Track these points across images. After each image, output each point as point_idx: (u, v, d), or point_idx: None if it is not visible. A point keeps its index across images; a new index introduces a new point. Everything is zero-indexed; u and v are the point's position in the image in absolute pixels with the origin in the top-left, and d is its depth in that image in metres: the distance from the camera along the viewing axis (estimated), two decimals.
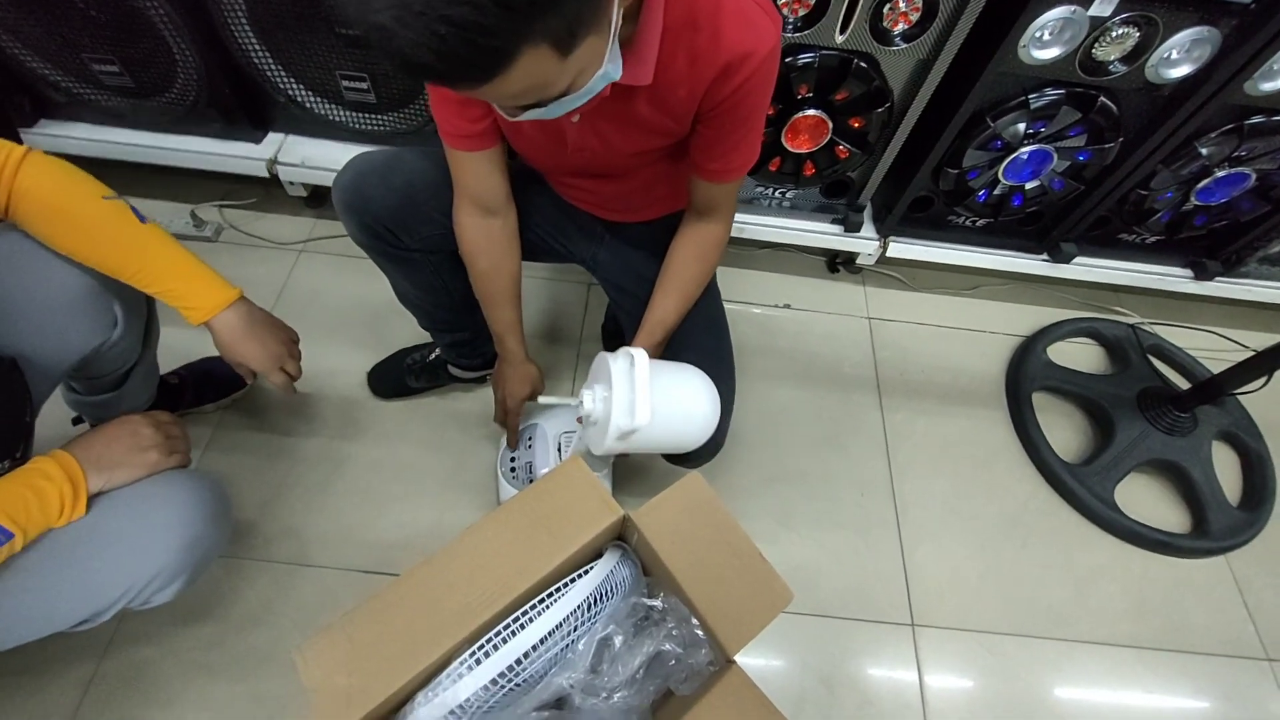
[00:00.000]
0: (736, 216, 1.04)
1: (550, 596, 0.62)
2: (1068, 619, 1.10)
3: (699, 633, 0.63)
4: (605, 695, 0.61)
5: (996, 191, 1.17)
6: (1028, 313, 1.48)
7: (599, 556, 0.68)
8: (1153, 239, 1.30)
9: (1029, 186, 1.15)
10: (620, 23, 0.52)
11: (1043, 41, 0.93)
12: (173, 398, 1.07)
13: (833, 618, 1.05)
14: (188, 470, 0.74)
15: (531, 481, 0.99)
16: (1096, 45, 0.93)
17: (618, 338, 1.23)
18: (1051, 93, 1.00)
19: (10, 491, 0.61)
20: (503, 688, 0.58)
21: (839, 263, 1.49)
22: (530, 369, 0.93)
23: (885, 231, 1.30)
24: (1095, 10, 0.88)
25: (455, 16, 0.39)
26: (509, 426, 0.99)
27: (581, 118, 0.66)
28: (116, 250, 0.70)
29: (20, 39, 1.07)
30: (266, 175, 1.24)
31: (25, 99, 1.18)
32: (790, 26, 0.94)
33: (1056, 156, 1.08)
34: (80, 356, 0.75)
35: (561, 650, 0.61)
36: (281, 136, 1.26)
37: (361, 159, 0.81)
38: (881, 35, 0.95)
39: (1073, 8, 0.88)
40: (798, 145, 1.10)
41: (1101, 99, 0.99)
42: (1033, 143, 1.06)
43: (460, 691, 0.57)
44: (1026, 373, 1.34)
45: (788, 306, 1.44)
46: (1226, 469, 1.28)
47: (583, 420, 0.78)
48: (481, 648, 0.58)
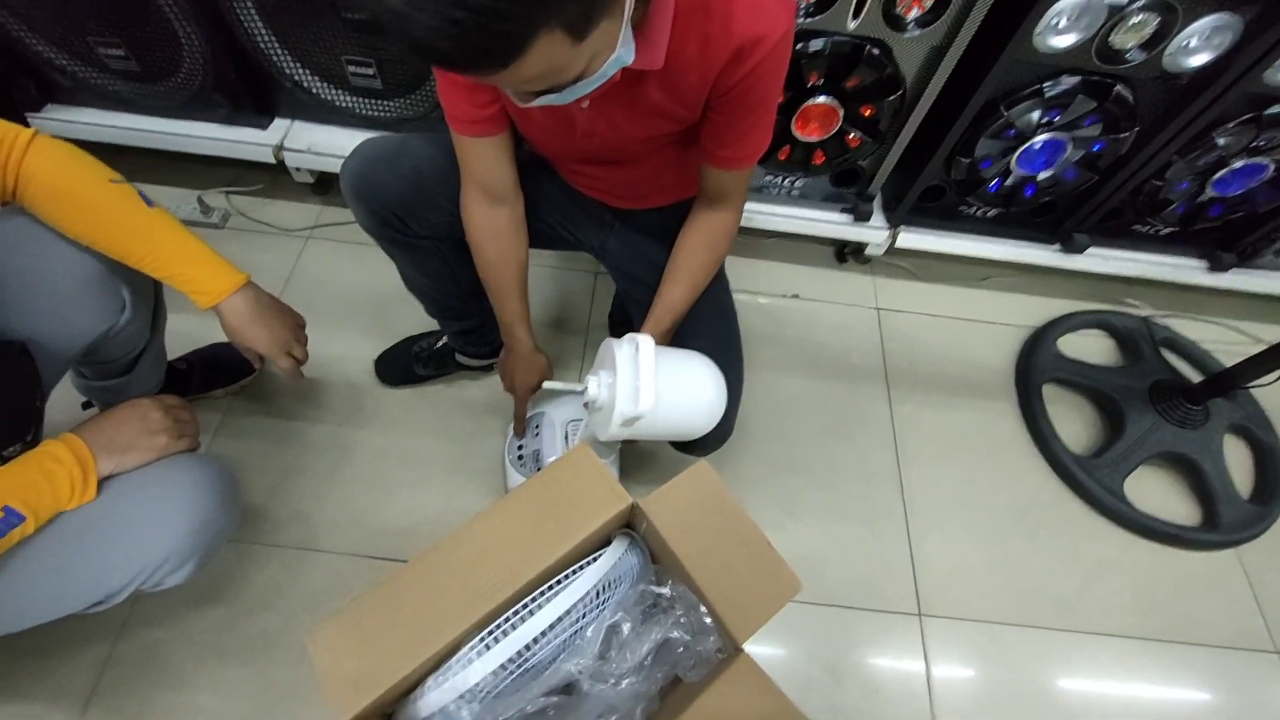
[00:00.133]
0: (745, 205, 1.03)
1: (559, 583, 0.62)
2: (1075, 610, 1.10)
3: (707, 620, 0.63)
4: (613, 681, 0.62)
5: (1009, 181, 1.15)
6: (1038, 304, 1.47)
7: (607, 544, 0.68)
8: (1167, 230, 1.29)
9: (1042, 176, 1.14)
10: (633, 6, 0.51)
11: (1059, 28, 0.91)
12: (181, 383, 1.07)
13: (839, 607, 1.05)
14: (197, 454, 0.75)
15: (539, 469, 0.99)
16: (1114, 32, 0.91)
17: (625, 326, 1.21)
18: (1067, 81, 0.98)
19: (21, 475, 0.61)
20: (511, 673, 0.59)
21: (847, 252, 1.48)
22: (539, 358, 0.92)
23: (895, 221, 1.28)
24: None
25: (470, 1, 0.38)
26: (516, 415, 0.99)
27: (591, 103, 0.65)
28: (124, 234, 0.70)
29: (26, 22, 1.07)
30: (273, 161, 1.24)
31: (31, 83, 1.17)
32: (802, 12, 0.93)
33: (1070, 146, 1.07)
34: (89, 341, 0.75)
35: (570, 637, 0.62)
36: (288, 122, 1.26)
37: (369, 145, 0.80)
38: (895, 21, 0.94)
39: None
40: (808, 133, 1.08)
41: (1118, 87, 0.98)
42: (1046, 132, 1.05)
43: (470, 676, 0.57)
44: (1036, 364, 1.33)
45: (796, 296, 1.43)
46: (1238, 462, 1.27)
47: (588, 406, 0.78)
48: (491, 633, 0.59)
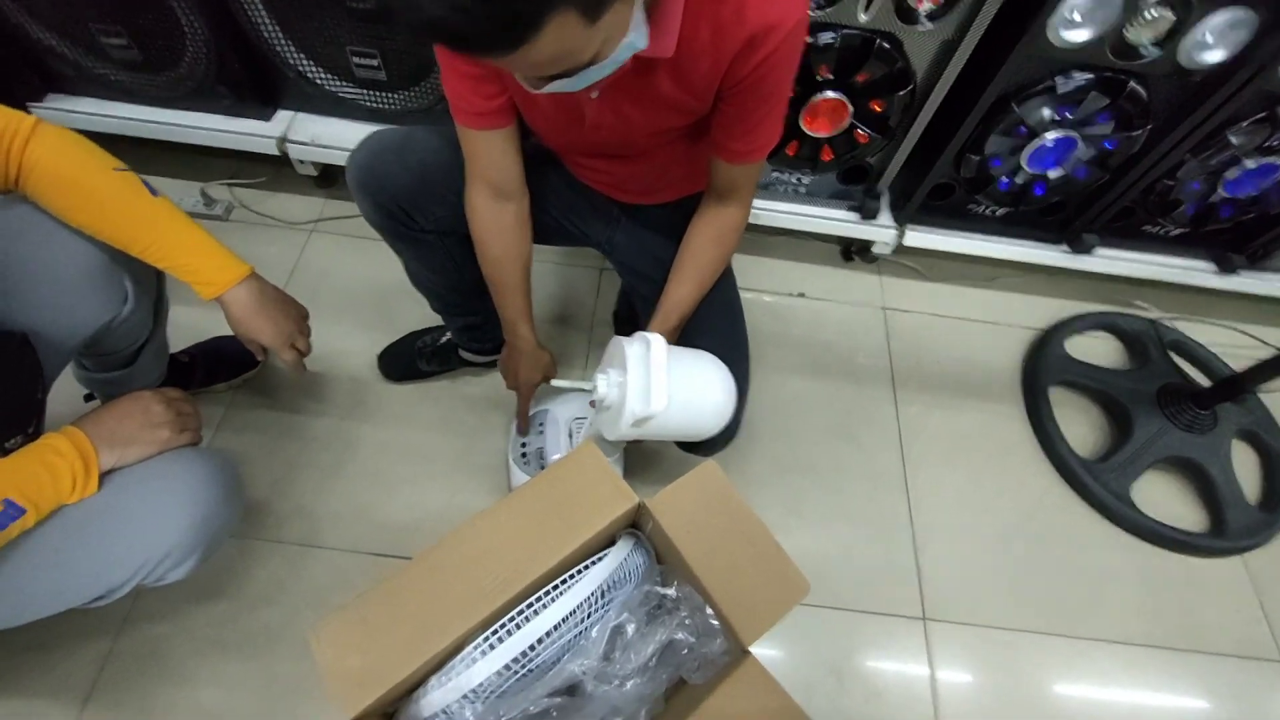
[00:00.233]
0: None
1: (564, 583, 0.62)
2: (1080, 616, 1.09)
3: (714, 622, 0.62)
4: (618, 683, 0.61)
5: (1019, 180, 1.14)
6: (1046, 305, 1.46)
7: (612, 544, 0.67)
8: (1177, 231, 1.28)
9: (1052, 175, 1.13)
10: None
11: (1073, 22, 0.90)
12: (184, 376, 1.06)
13: (843, 610, 1.05)
14: (199, 448, 0.74)
15: (543, 467, 0.98)
16: (1129, 27, 0.90)
17: (630, 323, 1.21)
18: (1079, 77, 0.97)
19: (23, 467, 0.60)
20: (516, 673, 0.58)
21: (854, 251, 1.47)
22: (542, 355, 0.92)
23: (903, 220, 1.27)
24: None
25: None
26: (519, 412, 0.98)
27: (601, 94, 0.64)
28: (128, 223, 0.69)
29: (28, 9, 1.06)
30: (276, 153, 1.23)
31: (33, 72, 1.16)
32: (813, 4, 0.92)
33: (1082, 144, 1.05)
34: (91, 332, 0.74)
35: (574, 637, 0.61)
36: (291, 114, 1.25)
37: (375, 138, 0.79)
38: (906, 14, 0.93)
39: None
40: (816, 129, 1.07)
41: (1131, 84, 0.96)
42: (1058, 129, 1.03)
43: (474, 676, 0.57)
44: (1043, 366, 1.32)
45: (801, 295, 1.42)
46: (1246, 468, 1.25)
47: (595, 404, 0.77)
48: (495, 633, 0.58)
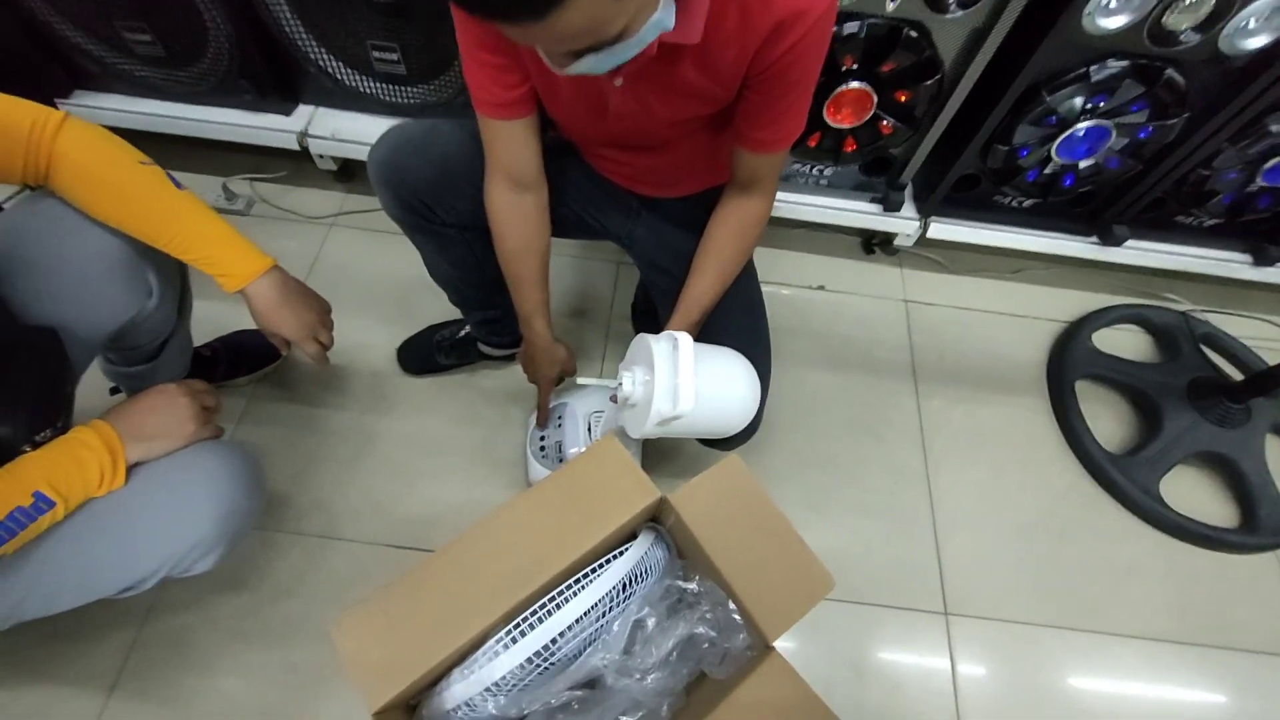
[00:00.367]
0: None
1: (585, 577, 0.61)
2: (1105, 612, 1.07)
3: (736, 617, 0.62)
4: (638, 676, 0.61)
5: (1047, 170, 1.12)
6: (1073, 298, 1.43)
7: (633, 538, 0.67)
8: (1211, 222, 1.24)
9: (1083, 165, 1.10)
10: None
11: (1109, 8, 0.87)
12: (206, 370, 1.08)
13: (864, 604, 1.04)
14: (223, 441, 0.75)
15: (561, 461, 0.98)
16: (1168, 12, 0.87)
17: (648, 317, 1.21)
18: (1114, 64, 0.94)
19: (52, 460, 0.61)
20: (538, 667, 0.58)
21: (875, 244, 1.45)
22: (559, 350, 0.91)
23: (926, 211, 1.25)
24: None
25: None
26: (539, 406, 0.98)
27: (625, 82, 0.63)
28: (154, 216, 0.69)
29: (56, 6, 1.07)
30: (297, 148, 1.24)
31: (60, 69, 1.18)
32: None
33: (1115, 133, 1.02)
34: (117, 326, 0.75)
35: (596, 631, 0.61)
36: (312, 109, 1.25)
37: (396, 131, 0.79)
38: (935, 2, 0.90)
39: None
40: (840, 120, 1.05)
41: (1169, 71, 0.93)
42: (1090, 118, 1.00)
43: (496, 669, 0.57)
44: (1070, 360, 1.29)
45: (822, 288, 1.40)
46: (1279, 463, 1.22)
47: (617, 400, 0.77)
48: (517, 626, 0.58)
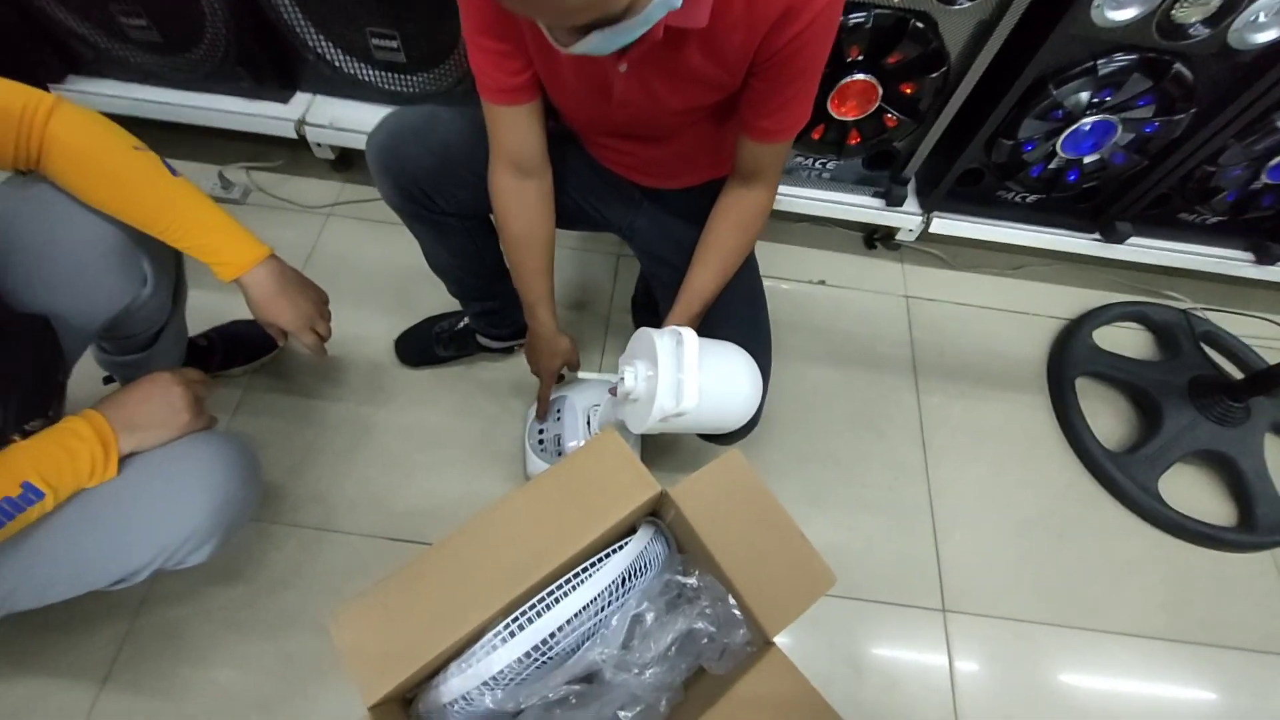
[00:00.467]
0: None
1: (584, 571, 0.61)
2: (1103, 609, 1.07)
3: (736, 612, 0.61)
4: (637, 671, 0.60)
5: (1052, 165, 1.11)
6: (1073, 295, 1.42)
7: (633, 532, 0.66)
8: (1214, 219, 1.23)
9: (1087, 160, 1.09)
10: None
11: (1119, 1, 0.86)
12: (202, 360, 1.07)
13: (862, 600, 1.04)
14: (218, 432, 0.74)
15: (560, 454, 0.98)
16: (1178, 5, 0.86)
17: (648, 310, 1.20)
18: (1122, 58, 0.93)
19: (42, 450, 0.60)
20: (535, 661, 0.58)
21: (877, 239, 1.44)
22: (562, 341, 0.90)
23: (929, 206, 1.24)
24: None
25: None
26: (540, 398, 0.97)
27: (629, 68, 0.62)
28: (148, 203, 0.68)
29: None
30: (294, 136, 1.22)
31: (54, 54, 1.16)
32: None
33: (1121, 128, 1.02)
34: (111, 315, 0.74)
35: (594, 625, 0.60)
36: (310, 97, 1.23)
37: (395, 117, 0.78)
38: None
39: None
40: (844, 112, 1.04)
41: (1177, 66, 0.93)
42: (1096, 113, 1.00)
43: (494, 663, 0.56)
44: (1070, 357, 1.29)
45: (822, 283, 1.39)
46: (1278, 463, 1.22)
47: (617, 393, 0.76)
48: (516, 620, 0.58)
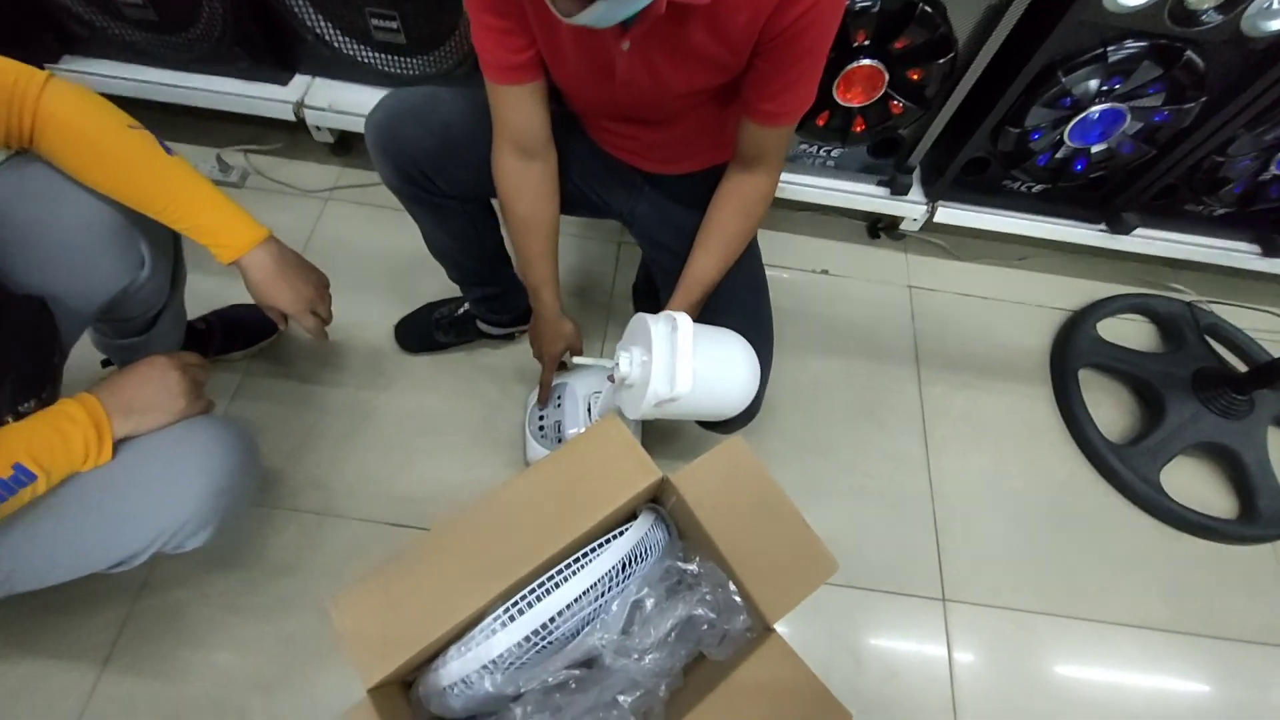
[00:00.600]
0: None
1: (584, 557, 0.61)
2: (1103, 600, 1.07)
3: (736, 599, 0.61)
4: (636, 656, 0.60)
5: (1059, 154, 1.09)
6: (1078, 286, 1.41)
7: (633, 518, 0.66)
8: (1221, 211, 1.22)
9: (1095, 150, 1.08)
10: None
11: None
12: (200, 343, 1.06)
13: (862, 589, 1.04)
14: (216, 416, 0.73)
15: (560, 441, 0.97)
16: None
17: (650, 297, 1.19)
18: (1132, 45, 0.92)
19: (35, 432, 0.60)
20: (535, 645, 0.58)
21: (881, 228, 1.43)
22: (566, 325, 0.90)
23: (934, 195, 1.23)
24: None
25: None
26: (542, 383, 0.97)
27: (633, 45, 0.61)
28: (144, 182, 0.67)
29: None
30: (293, 119, 1.21)
31: (49, 32, 1.14)
32: None
33: (1130, 117, 1.00)
34: (108, 297, 0.73)
35: (594, 610, 0.60)
36: (309, 79, 1.22)
37: (395, 97, 0.77)
38: None
39: None
40: (849, 99, 1.03)
41: (1188, 53, 0.91)
42: (1105, 101, 0.98)
43: (493, 647, 0.56)
44: (1074, 349, 1.28)
45: (825, 272, 1.39)
46: None
47: (615, 380, 0.76)
48: (515, 604, 0.57)
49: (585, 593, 0.58)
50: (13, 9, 1.09)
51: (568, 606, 0.58)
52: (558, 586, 0.58)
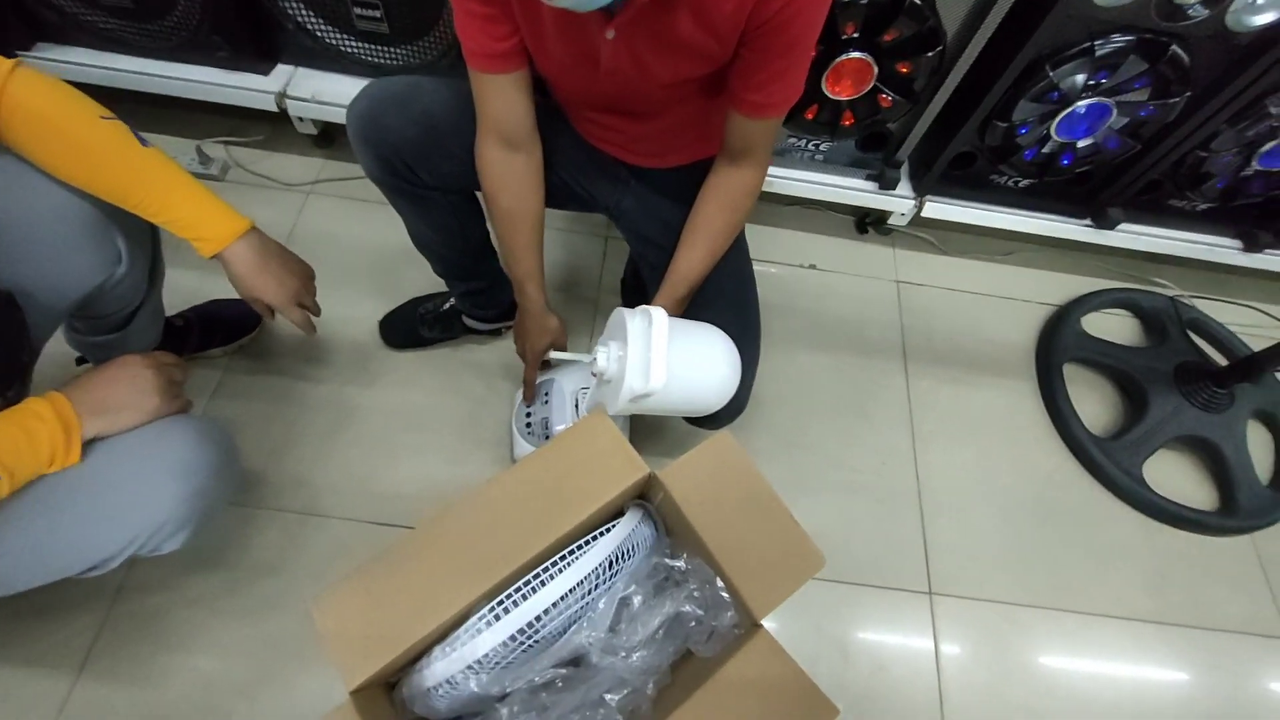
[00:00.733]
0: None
1: (571, 554, 0.60)
2: (1087, 592, 1.08)
3: (724, 595, 0.61)
4: (624, 654, 0.60)
5: (1045, 149, 1.10)
6: (1063, 281, 1.42)
7: (620, 515, 0.66)
8: (1204, 206, 1.24)
9: (1081, 144, 1.08)
10: None
11: None
12: (178, 340, 1.04)
13: (849, 584, 1.04)
14: (192, 416, 0.71)
15: (547, 437, 0.96)
16: None
17: (638, 291, 1.18)
18: (1119, 39, 0.92)
19: None
20: (521, 644, 0.57)
21: (869, 223, 1.43)
22: (551, 321, 0.89)
23: (922, 190, 1.23)
24: None
25: None
26: (526, 381, 0.96)
27: (617, 34, 0.60)
28: (119, 174, 0.65)
29: None
30: (275, 110, 1.18)
31: (19, 19, 1.11)
32: None
33: (1116, 111, 1.01)
34: (83, 294, 0.71)
35: (580, 608, 0.60)
36: (291, 69, 1.20)
37: (377, 86, 0.75)
38: None
39: None
40: (838, 92, 1.02)
41: (1174, 47, 0.92)
42: (1092, 95, 0.99)
43: (479, 647, 0.55)
44: (1058, 343, 1.29)
45: (813, 267, 1.38)
46: (1259, 448, 1.24)
47: (596, 376, 0.75)
48: (500, 603, 0.57)
49: (572, 590, 0.58)
50: None
51: (554, 604, 0.57)
52: (544, 584, 0.57)
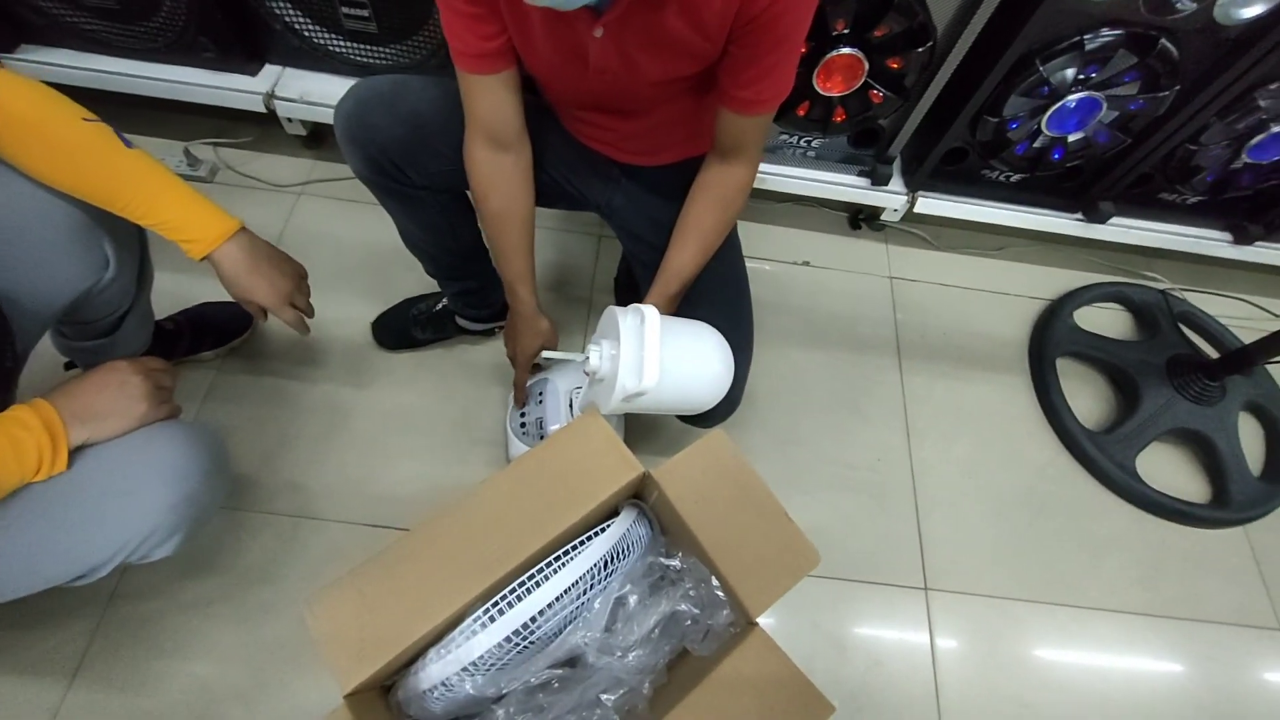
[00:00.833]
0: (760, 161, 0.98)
1: (566, 555, 0.60)
2: (1081, 585, 1.09)
3: (719, 593, 0.61)
4: (620, 654, 0.60)
5: (1036, 144, 1.10)
6: (1055, 276, 1.43)
7: (615, 515, 0.66)
8: (1194, 199, 1.24)
9: (1072, 139, 1.08)
10: None
11: None
12: (169, 344, 1.03)
13: (845, 580, 1.04)
14: (181, 421, 0.70)
15: (542, 438, 0.96)
16: None
17: (631, 290, 1.18)
18: (1108, 33, 0.92)
19: None
20: (517, 645, 0.57)
21: (862, 219, 1.43)
22: (541, 323, 0.88)
23: (914, 185, 1.23)
24: None
25: None
26: (516, 383, 0.95)
27: (606, 32, 0.60)
28: (104, 177, 0.64)
29: None
30: (263, 111, 1.17)
31: (1, 21, 1.10)
32: None
33: (1106, 106, 1.01)
34: (70, 299, 0.70)
35: (576, 609, 0.59)
36: (279, 69, 1.19)
37: (364, 85, 0.75)
38: None
39: None
40: (829, 88, 1.02)
41: (1163, 41, 0.92)
42: (1082, 89, 0.99)
43: (474, 648, 0.55)
44: (1051, 337, 1.29)
45: (806, 264, 1.38)
46: (1251, 441, 1.25)
47: (589, 375, 0.75)
48: (495, 605, 0.57)
49: (567, 591, 0.58)
50: None
51: (549, 605, 0.57)
52: (539, 585, 0.57)
